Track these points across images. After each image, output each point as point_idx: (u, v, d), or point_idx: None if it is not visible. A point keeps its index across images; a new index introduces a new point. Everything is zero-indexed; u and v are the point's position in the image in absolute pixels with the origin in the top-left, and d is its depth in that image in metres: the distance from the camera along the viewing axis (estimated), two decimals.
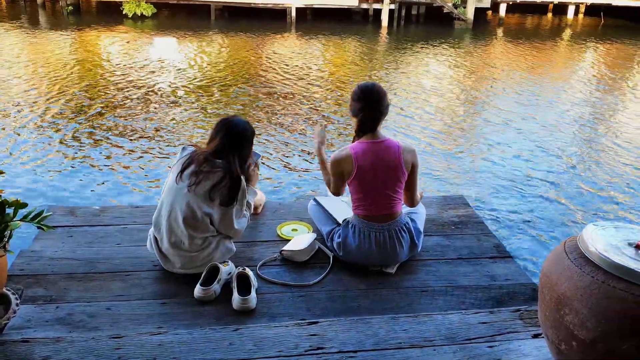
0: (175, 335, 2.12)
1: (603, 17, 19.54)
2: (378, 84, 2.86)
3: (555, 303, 1.70)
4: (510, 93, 10.06)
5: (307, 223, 3.27)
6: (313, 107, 8.68)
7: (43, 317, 2.35)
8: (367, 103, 2.76)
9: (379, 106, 2.77)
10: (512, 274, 2.87)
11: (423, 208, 3.22)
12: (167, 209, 2.65)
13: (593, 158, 6.99)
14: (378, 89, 2.79)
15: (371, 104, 2.76)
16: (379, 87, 2.81)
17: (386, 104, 2.80)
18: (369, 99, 2.76)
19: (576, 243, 1.75)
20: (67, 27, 14.69)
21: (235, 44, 13.70)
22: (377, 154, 2.76)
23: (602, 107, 9.42)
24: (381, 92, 2.79)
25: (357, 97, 2.79)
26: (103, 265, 2.78)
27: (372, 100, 2.76)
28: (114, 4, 16.93)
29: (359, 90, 2.81)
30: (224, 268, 2.62)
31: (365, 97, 2.77)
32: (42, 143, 6.69)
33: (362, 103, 2.76)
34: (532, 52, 14.17)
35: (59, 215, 3.28)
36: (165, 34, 14.52)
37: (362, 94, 2.78)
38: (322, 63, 12.22)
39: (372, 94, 2.78)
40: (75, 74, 9.99)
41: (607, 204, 5.69)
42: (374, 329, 2.18)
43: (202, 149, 2.69)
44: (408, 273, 2.85)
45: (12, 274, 2.60)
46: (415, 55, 13.24)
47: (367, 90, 2.79)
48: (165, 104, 8.51)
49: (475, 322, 2.24)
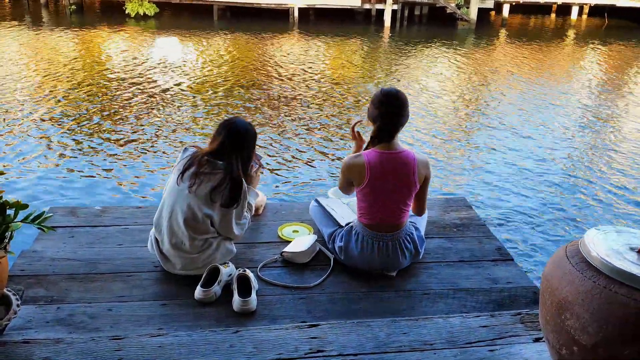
0: (175, 337, 2.11)
1: (607, 18, 19.50)
2: (401, 91, 2.72)
3: (557, 307, 1.69)
4: (513, 95, 10.04)
5: (308, 224, 3.26)
6: (315, 108, 8.68)
7: (44, 318, 2.35)
8: (387, 111, 2.63)
9: (400, 116, 2.65)
10: (514, 277, 2.85)
11: (425, 211, 3.20)
12: (168, 210, 2.65)
13: (596, 162, 6.97)
14: (401, 97, 2.65)
15: (392, 113, 2.63)
16: (402, 95, 2.67)
17: (407, 114, 2.69)
18: (391, 107, 2.63)
19: (578, 247, 1.74)
20: (70, 26, 14.71)
21: (238, 44, 13.70)
22: (392, 166, 2.67)
23: (607, 110, 9.39)
24: (404, 101, 2.66)
25: (378, 102, 2.65)
26: (104, 266, 2.78)
27: (394, 108, 2.64)
28: (116, 3, 16.96)
29: (382, 96, 2.66)
30: (225, 269, 2.62)
31: (386, 104, 2.63)
32: (43, 143, 6.70)
33: (382, 110, 2.64)
34: (536, 53, 14.14)
35: (60, 215, 3.28)
36: (167, 34, 14.53)
37: (384, 99, 2.64)
38: (325, 64, 12.22)
39: (394, 101, 2.64)
40: (77, 74, 10.01)
41: (609, 208, 5.68)
42: (374, 331, 2.17)
43: (204, 150, 2.69)
44: (409, 276, 2.84)
45: (13, 275, 2.60)
46: (418, 56, 13.23)
47: (390, 97, 2.64)
48: (167, 104, 8.51)
49: (476, 326, 2.23)
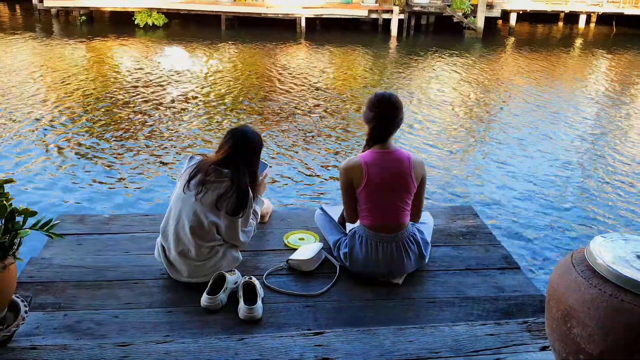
0: (181, 344, 2.12)
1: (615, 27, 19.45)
2: (395, 95, 2.80)
3: (562, 315, 1.68)
4: (520, 103, 10.02)
5: (314, 232, 3.27)
6: (321, 118, 8.70)
7: (51, 325, 2.36)
8: (380, 113, 2.72)
9: (392, 119, 2.72)
10: (521, 285, 2.84)
11: (431, 219, 3.21)
12: (174, 218, 2.67)
13: (602, 170, 6.94)
14: (394, 101, 2.73)
15: (385, 116, 2.72)
16: (396, 99, 2.75)
17: (400, 117, 2.75)
18: (383, 110, 2.72)
19: (584, 255, 1.74)
20: (80, 37, 14.87)
21: (245, 54, 13.79)
22: (387, 164, 2.74)
23: (614, 119, 9.35)
24: (397, 105, 2.73)
25: (371, 105, 2.74)
26: (111, 273, 2.80)
27: (387, 111, 2.72)
28: (126, 14, 17.14)
29: (375, 100, 2.75)
30: (231, 277, 2.62)
31: (379, 108, 2.72)
32: (52, 151, 6.76)
33: (375, 113, 2.72)
34: (544, 62, 14.12)
35: (68, 223, 3.30)
36: (176, 44, 14.65)
37: (377, 103, 2.73)
38: (331, 73, 12.26)
39: (387, 105, 2.72)
40: (86, 83, 10.10)
41: (616, 216, 5.64)
42: (379, 339, 2.17)
43: (209, 158, 2.71)
44: (415, 284, 2.83)
45: (22, 281, 2.62)
46: (425, 65, 13.24)
47: (383, 101, 2.73)
48: (175, 113, 8.57)
49: (482, 334, 2.22)
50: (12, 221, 2.10)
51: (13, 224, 2.10)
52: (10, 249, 2.12)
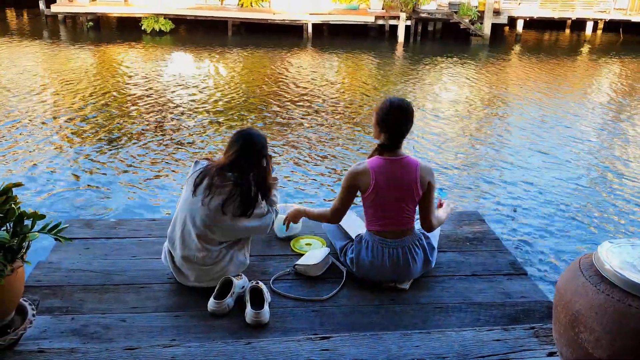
0: (188, 348, 2.13)
1: (622, 34, 19.39)
2: (408, 101, 2.77)
3: (570, 321, 1.68)
4: (528, 109, 10.00)
5: (321, 237, 3.27)
6: (327, 124, 8.72)
7: (59, 328, 2.38)
8: (392, 120, 2.69)
9: (404, 126, 2.71)
10: (528, 291, 2.83)
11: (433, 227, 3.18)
12: (181, 223, 2.68)
13: (610, 176, 6.91)
14: (406, 108, 2.71)
15: (396, 123, 2.70)
16: (407, 106, 2.72)
17: (412, 122, 2.74)
18: (395, 117, 2.69)
19: (591, 260, 1.73)
20: (87, 42, 14.97)
21: (252, 60, 13.84)
22: (394, 170, 2.73)
23: (622, 125, 9.32)
24: (409, 112, 2.71)
25: (384, 112, 2.70)
26: (118, 277, 2.81)
27: (398, 118, 2.69)
28: (133, 20, 17.24)
29: (387, 106, 2.71)
30: (238, 282, 2.63)
31: (391, 114, 2.69)
32: (59, 156, 6.80)
33: (387, 119, 2.69)
34: (551, 69, 14.09)
35: (76, 227, 3.32)
36: (183, 50, 14.72)
37: (391, 110, 2.69)
38: (338, 79, 12.29)
39: (399, 112, 2.69)
40: (93, 89, 10.16)
41: (623, 222, 5.61)
42: (386, 344, 2.16)
43: (215, 162, 2.72)
44: (422, 289, 2.83)
45: (29, 285, 2.64)
46: (432, 72, 13.25)
47: (396, 108, 2.70)
48: (181, 119, 8.60)
49: (489, 340, 2.21)
50: (21, 224, 2.12)
51: (22, 227, 2.12)
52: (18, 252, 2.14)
